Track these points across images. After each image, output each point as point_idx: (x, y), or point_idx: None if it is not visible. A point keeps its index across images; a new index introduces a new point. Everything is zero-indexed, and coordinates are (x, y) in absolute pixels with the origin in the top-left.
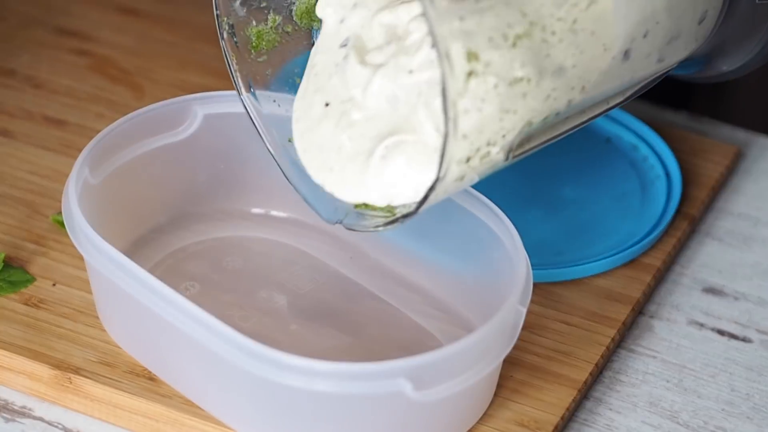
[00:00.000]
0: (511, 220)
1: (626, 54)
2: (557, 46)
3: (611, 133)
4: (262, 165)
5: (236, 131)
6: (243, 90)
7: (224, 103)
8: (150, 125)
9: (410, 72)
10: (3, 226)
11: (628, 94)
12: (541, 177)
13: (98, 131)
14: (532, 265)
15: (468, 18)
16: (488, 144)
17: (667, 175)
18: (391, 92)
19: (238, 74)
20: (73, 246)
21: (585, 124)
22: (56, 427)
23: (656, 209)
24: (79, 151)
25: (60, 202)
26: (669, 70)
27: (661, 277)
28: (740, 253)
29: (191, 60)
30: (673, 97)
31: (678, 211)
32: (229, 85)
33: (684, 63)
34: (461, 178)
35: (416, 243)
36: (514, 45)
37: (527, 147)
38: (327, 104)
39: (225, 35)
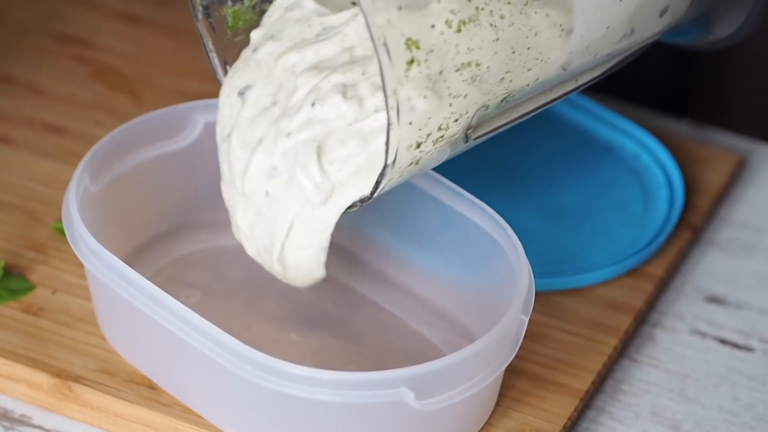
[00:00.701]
0: (512, 228)
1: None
2: (507, 30)
3: (613, 141)
4: None
5: None
6: (220, 71)
7: None
8: (150, 133)
9: (288, 135)
10: (3, 233)
11: (602, 69)
12: (542, 185)
13: (98, 138)
14: (533, 274)
15: (407, 7)
16: (439, 129)
17: (669, 183)
18: (269, 165)
19: (214, 55)
20: (73, 254)
21: (558, 100)
22: None
23: (658, 218)
24: (79, 158)
25: (60, 209)
26: (646, 43)
27: (663, 286)
28: (743, 262)
29: (192, 67)
30: (675, 104)
31: (680, 220)
32: None
33: (680, 31)
34: (416, 162)
35: (418, 252)
36: (458, 30)
37: (490, 128)
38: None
39: (200, 16)
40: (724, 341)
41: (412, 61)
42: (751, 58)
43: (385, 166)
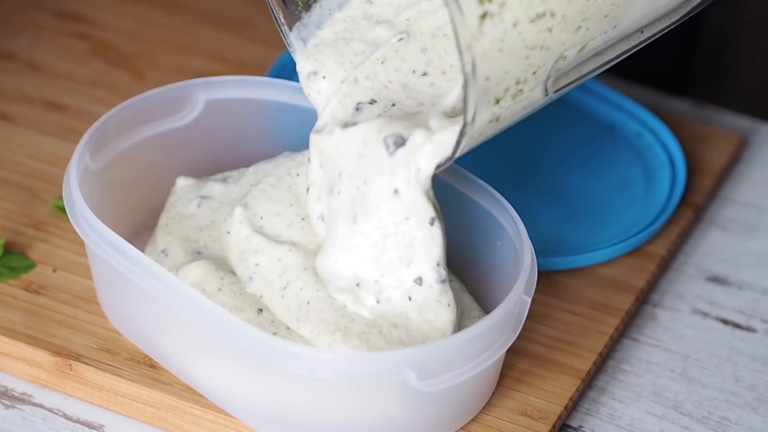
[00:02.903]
0: (514, 208)
1: None
2: None
3: (615, 121)
4: (263, 151)
5: (238, 117)
6: (293, 44)
7: (226, 89)
8: (151, 110)
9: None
10: (3, 211)
11: (676, 16)
12: (543, 164)
13: (99, 116)
14: (535, 254)
15: None
16: (518, 83)
17: (672, 163)
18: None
19: (286, 29)
20: (73, 232)
21: (636, 49)
22: (56, 413)
23: (660, 198)
24: (80, 135)
25: (60, 187)
26: None
27: (665, 266)
28: (744, 242)
29: (193, 44)
30: (676, 83)
31: (682, 200)
32: (231, 70)
33: None
34: (496, 119)
35: None
36: None
37: (570, 80)
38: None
39: None
40: (725, 321)
41: (485, 15)
42: (753, 37)
43: (465, 124)
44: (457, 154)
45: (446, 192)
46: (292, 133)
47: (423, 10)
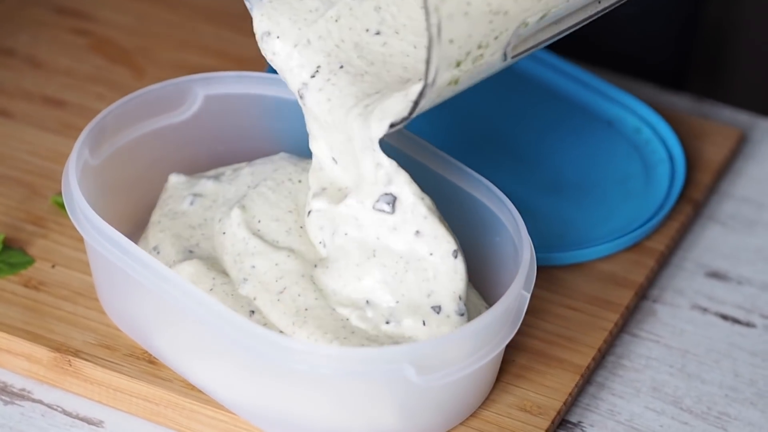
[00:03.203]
0: (513, 203)
1: None
2: None
3: (614, 116)
4: (262, 146)
5: (237, 112)
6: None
7: (225, 84)
8: (150, 106)
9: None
10: (2, 207)
11: None
12: (543, 160)
13: (98, 112)
14: (534, 249)
15: None
16: (479, 47)
17: (671, 158)
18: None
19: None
20: (72, 227)
21: (595, 17)
22: (55, 409)
23: (659, 193)
24: (79, 131)
25: (59, 183)
26: None
27: (664, 261)
28: (744, 238)
29: (192, 40)
30: (674, 78)
31: (681, 195)
32: (230, 65)
33: None
34: (455, 81)
35: None
36: None
37: (527, 46)
38: None
39: None
40: (725, 317)
41: None
42: (752, 32)
43: (425, 86)
44: (414, 114)
45: (445, 187)
46: (292, 129)
47: None
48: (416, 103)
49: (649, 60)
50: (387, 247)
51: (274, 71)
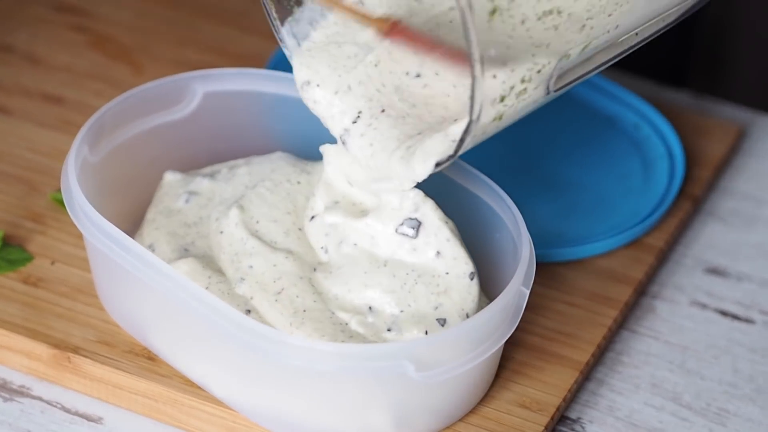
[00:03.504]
0: (512, 200)
1: None
2: None
3: (613, 113)
4: (262, 143)
5: (236, 109)
6: (285, 39)
7: (224, 81)
8: (149, 103)
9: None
10: (1, 204)
11: (676, 15)
12: (542, 156)
13: (97, 108)
14: (533, 246)
15: None
16: (522, 81)
17: (670, 154)
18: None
19: (278, 23)
20: (71, 224)
21: (634, 49)
22: (55, 406)
23: (659, 189)
24: (78, 128)
25: (58, 179)
26: None
27: (663, 257)
28: (743, 234)
29: (191, 37)
30: (674, 74)
31: (680, 191)
32: (229, 62)
33: None
34: (499, 117)
35: None
36: None
37: (569, 79)
38: None
39: None
40: (724, 313)
41: (494, 11)
42: (752, 28)
43: (470, 122)
44: (460, 152)
45: (445, 184)
46: (291, 125)
47: (414, 8)
48: (462, 141)
49: (648, 56)
50: (400, 260)
51: (275, 68)
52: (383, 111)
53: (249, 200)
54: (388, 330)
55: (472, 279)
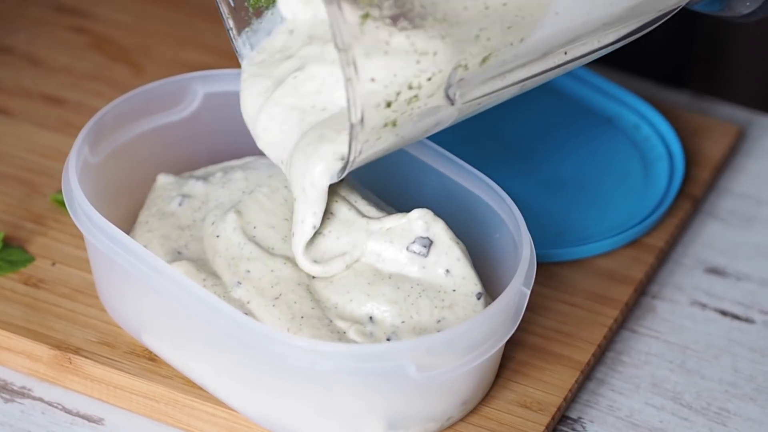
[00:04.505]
0: (512, 200)
1: None
2: None
3: (612, 112)
4: None
5: (236, 110)
6: (240, 49)
7: (224, 82)
8: (150, 104)
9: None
10: (2, 205)
11: (606, 40)
12: (541, 156)
13: (97, 109)
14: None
15: None
16: (410, 87)
17: (670, 154)
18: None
19: (234, 33)
20: (72, 225)
21: (563, 70)
22: (56, 407)
23: (658, 189)
24: (78, 129)
25: (59, 180)
26: (657, 15)
27: (663, 257)
28: (743, 233)
29: (191, 38)
30: (673, 75)
31: (680, 191)
32: (230, 63)
33: (701, 2)
34: (392, 123)
35: None
36: None
37: (482, 93)
38: None
39: None
40: (724, 312)
41: (366, 15)
42: (750, 29)
43: (352, 126)
44: (353, 157)
45: (445, 184)
46: None
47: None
48: (350, 146)
49: (647, 56)
50: (405, 275)
51: None
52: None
53: (246, 206)
54: (387, 339)
55: (479, 299)
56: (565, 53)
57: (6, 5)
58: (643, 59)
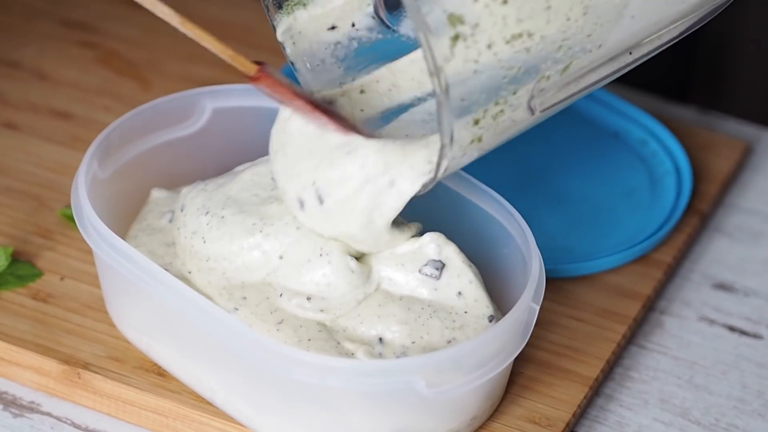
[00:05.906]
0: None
1: None
2: None
3: (620, 128)
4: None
5: (245, 125)
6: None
7: (233, 97)
8: (158, 119)
9: None
10: (10, 219)
11: (671, 35)
12: (549, 172)
13: (105, 124)
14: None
15: None
16: (497, 103)
17: (677, 170)
18: None
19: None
20: (80, 240)
21: (628, 68)
22: (65, 422)
23: (666, 205)
24: (86, 144)
25: (67, 195)
26: (716, 5)
27: (671, 273)
28: (750, 249)
29: (199, 52)
30: (677, 89)
31: (688, 207)
32: (238, 78)
33: None
34: (478, 139)
35: None
36: (504, 2)
37: (558, 99)
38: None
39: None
40: (732, 328)
41: (456, 37)
42: (754, 44)
43: (443, 146)
44: (440, 176)
45: (454, 199)
46: None
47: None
48: (438, 165)
49: (650, 71)
50: (417, 297)
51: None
52: None
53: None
54: (396, 358)
55: (490, 321)
56: (630, 53)
57: (14, 20)
58: (646, 74)
